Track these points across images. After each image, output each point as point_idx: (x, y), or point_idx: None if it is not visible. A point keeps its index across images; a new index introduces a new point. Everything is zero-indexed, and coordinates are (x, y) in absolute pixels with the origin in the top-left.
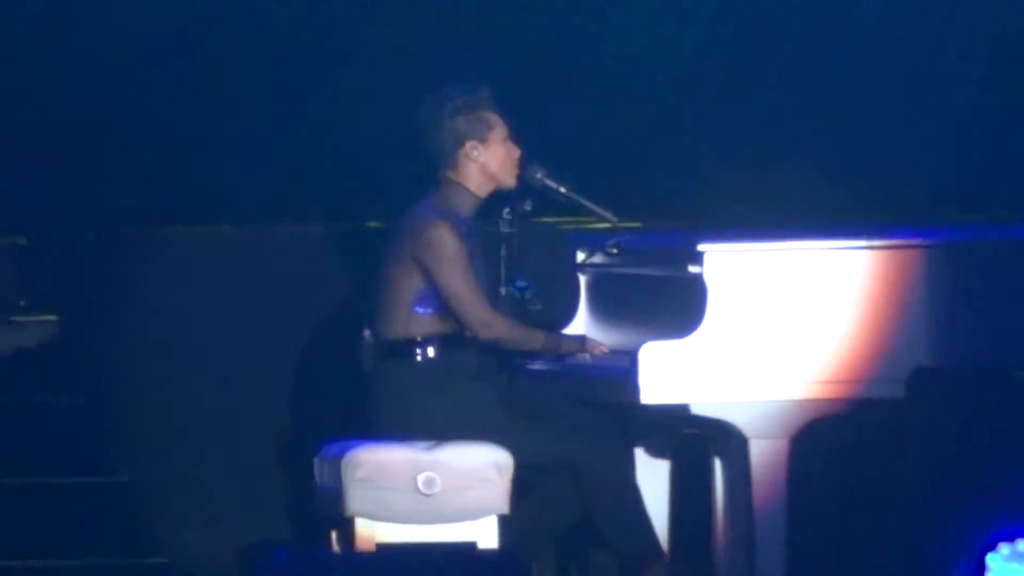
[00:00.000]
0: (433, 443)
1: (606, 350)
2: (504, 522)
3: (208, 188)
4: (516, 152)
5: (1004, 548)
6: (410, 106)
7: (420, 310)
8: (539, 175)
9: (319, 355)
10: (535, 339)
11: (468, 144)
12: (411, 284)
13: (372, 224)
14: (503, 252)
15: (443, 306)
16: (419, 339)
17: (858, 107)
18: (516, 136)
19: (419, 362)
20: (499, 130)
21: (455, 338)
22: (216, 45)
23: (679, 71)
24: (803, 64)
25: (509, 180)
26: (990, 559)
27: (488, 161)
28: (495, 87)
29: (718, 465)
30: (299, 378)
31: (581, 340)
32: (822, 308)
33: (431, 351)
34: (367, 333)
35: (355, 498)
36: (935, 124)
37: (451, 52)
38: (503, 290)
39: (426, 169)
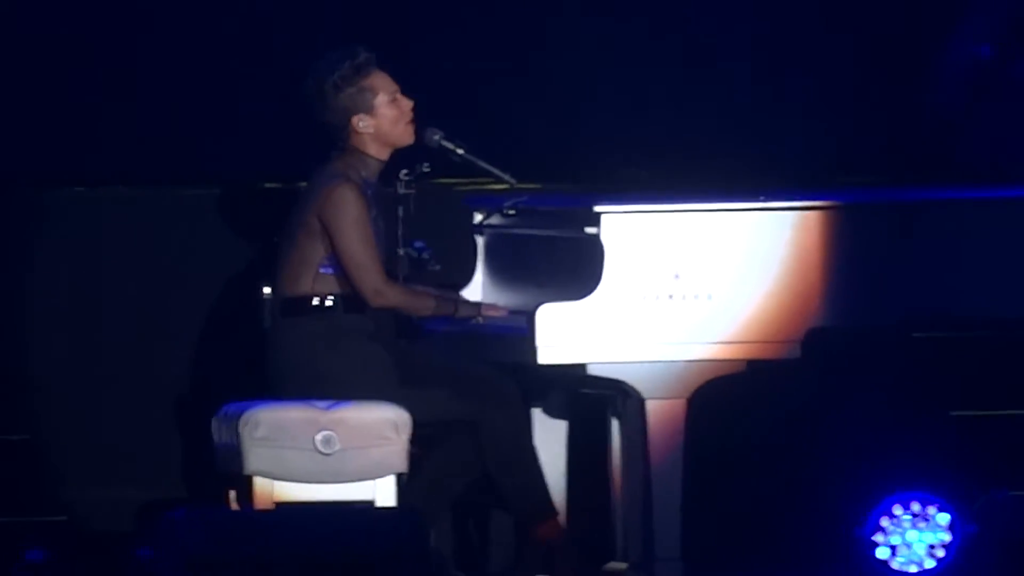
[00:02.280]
0: (332, 402)
1: (503, 313)
2: (402, 481)
3: (104, 149)
4: (407, 105)
5: (898, 509)
6: (297, 69)
7: (327, 271)
8: (436, 137)
9: (218, 314)
10: (428, 304)
11: (354, 119)
12: (319, 245)
13: (269, 185)
14: (400, 213)
15: None
16: (320, 296)
17: (754, 69)
18: (407, 90)
19: (318, 319)
20: (384, 93)
21: (356, 300)
22: (117, 12)
23: (578, 32)
24: (698, 27)
25: (405, 138)
26: (884, 521)
27: (378, 127)
28: (388, 44)
29: (615, 425)
30: (198, 337)
31: (476, 306)
32: (718, 270)
33: (330, 306)
34: (267, 290)
35: (254, 457)
36: (829, 85)
37: (352, 6)
38: (400, 251)
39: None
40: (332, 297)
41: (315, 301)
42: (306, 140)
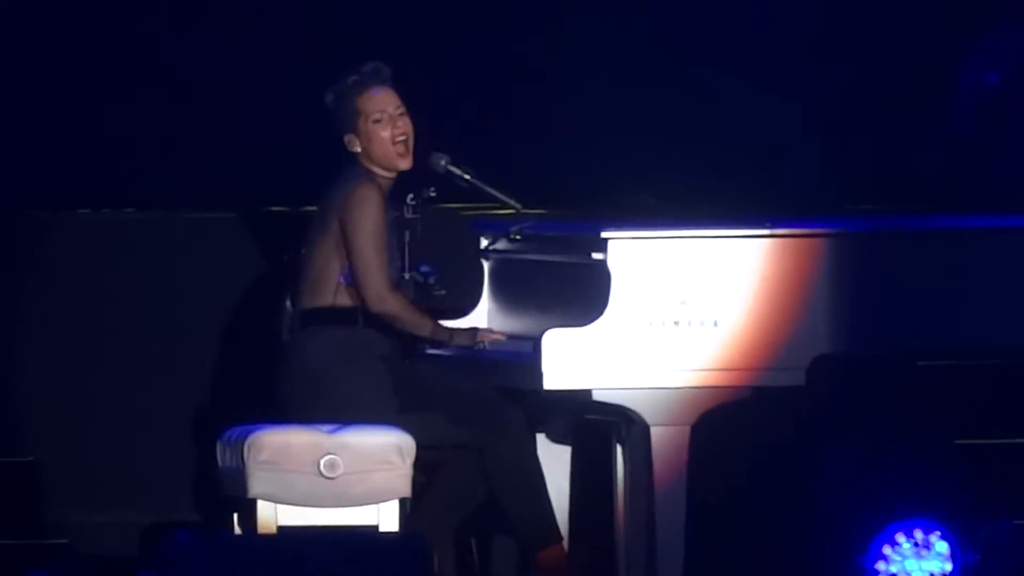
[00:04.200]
0: (336, 426)
1: (501, 337)
2: (406, 506)
3: (113, 172)
4: (401, 129)
5: (901, 537)
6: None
7: (348, 281)
8: (443, 162)
9: (226, 339)
10: (424, 325)
11: (345, 138)
12: (341, 255)
13: (276, 208)
14: (407, 238)
15: None
16: (340, 308)
17: (763, 98)
18: (414, 114)
19: (334, 331)
20: (369, 115)
21: (376, 314)
22: (113, 27)
23: (585, 59)
24: (706, 53)
25: (397, 163)
26: (887, 549)
27: (366, 147)
28: (396, 67)
29: (619, 451)
30: (204, 360)
31: (472, 333)
32: (724, 297)
33: (351, 318)
34: (288, 305)
35: (257, 480)
36: (837, 115)
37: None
38: (407, 275)
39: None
40: (352, 309)
41: (335, 313)
42: (320, 164)
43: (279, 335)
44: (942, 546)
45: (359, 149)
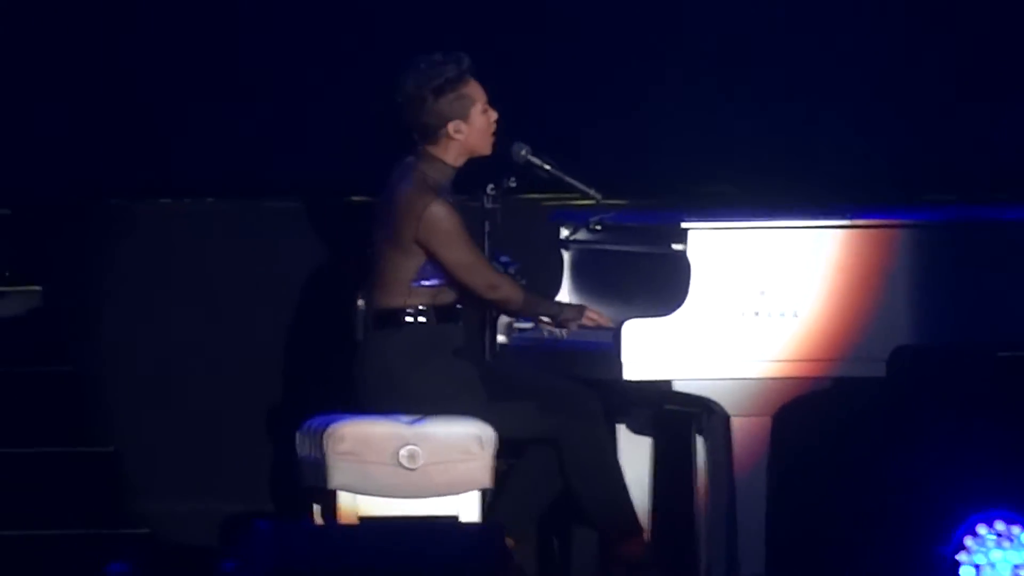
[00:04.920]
0: (416, 417)
1: (606, 321)
2: (486, 496)
3: (192, 162)
4: (494, 116)
5: (983, 528)
6: (384, 81)
7: (422, 283)
8: (523, 152)
9: (304, 329)
10: (534, 302)
11: (451, 125)
12: (412, 262)
13: (355, 198)
14: (487, 228)
15: (444, 279)
16: (413, 308)
17: (844, 86)
18: (496, 104)
19: (408, 331)
20: (479, 103)
21: (449, 310)
22: (192, 22)
23: (666, 50)
24: (785, 48)
25: (486, 149)
26: (968, 540)
27: (469, 135)
28: (477, 58)
29: (700, 442)
30: (284, 350)
31: (580, 309)
32: (803, 287)
33: (423, 319)
34: (361, 303)
35: (338, 471)
36: (914, 105)
37: (428, 26)
38: None
39: (401, 139)
40: (425, 309)
41: (408, 313)
42: (386, 154)
43: (354, 333)
44: None
45: (463, 136)
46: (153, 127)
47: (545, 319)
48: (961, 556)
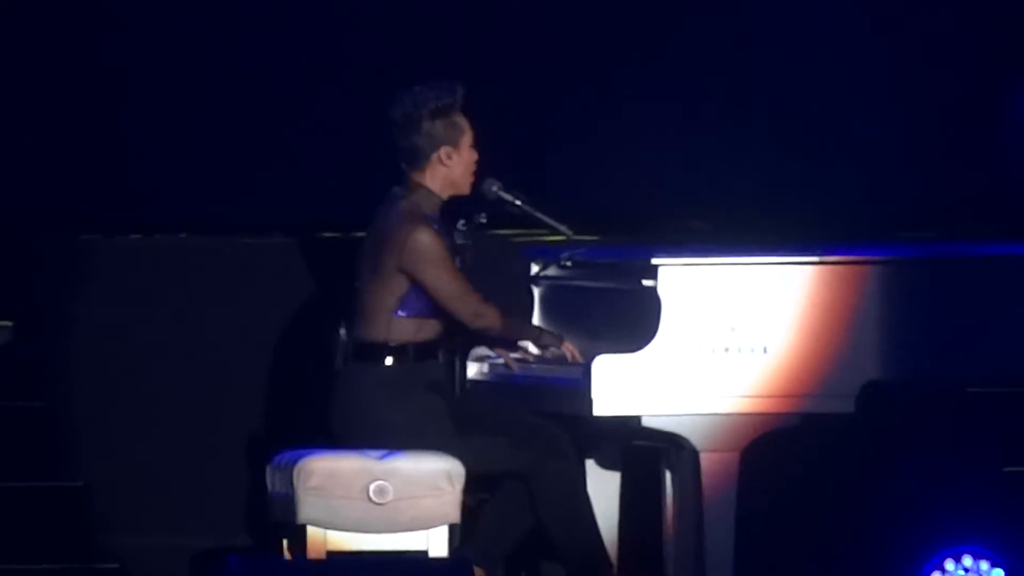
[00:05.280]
0: (385, 452)
1: (579, 357)
2: (455, 531)
3: (165, 198)
4: (475, 157)
5: (950, 564)
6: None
7: (402, 314)
8: (495, 188)
9: (278, 366)
10: (516, 327)
11: (442, 150)
12: (394, 290)
13: (328, 235)
14: (458, 264)
15: (424, 309)
16: (394, 344)
17: (815, 121)
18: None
19: (387, 367)
20: (468, 136)
21: (429, 347)
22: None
23: (636, 83)
24: (757, 84)
25: (466, 188)
26: (937, 575)
27: (455, 166)
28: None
29: (668, 477)
30: (256, 386)
31: (559, 337)
32: (774, 323)
33: (402, 357)
34: (342, 332)
35: (307, 506)
36: (884, 141)
37: (409, 58)
38: None
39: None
40: (404, 346)
41: (390, 347)
42: (368, 189)
43: (332, 363)
44: (995, 573)
45: (451, 164)
46: (127, 163)
47: (525, 343)
48: None
